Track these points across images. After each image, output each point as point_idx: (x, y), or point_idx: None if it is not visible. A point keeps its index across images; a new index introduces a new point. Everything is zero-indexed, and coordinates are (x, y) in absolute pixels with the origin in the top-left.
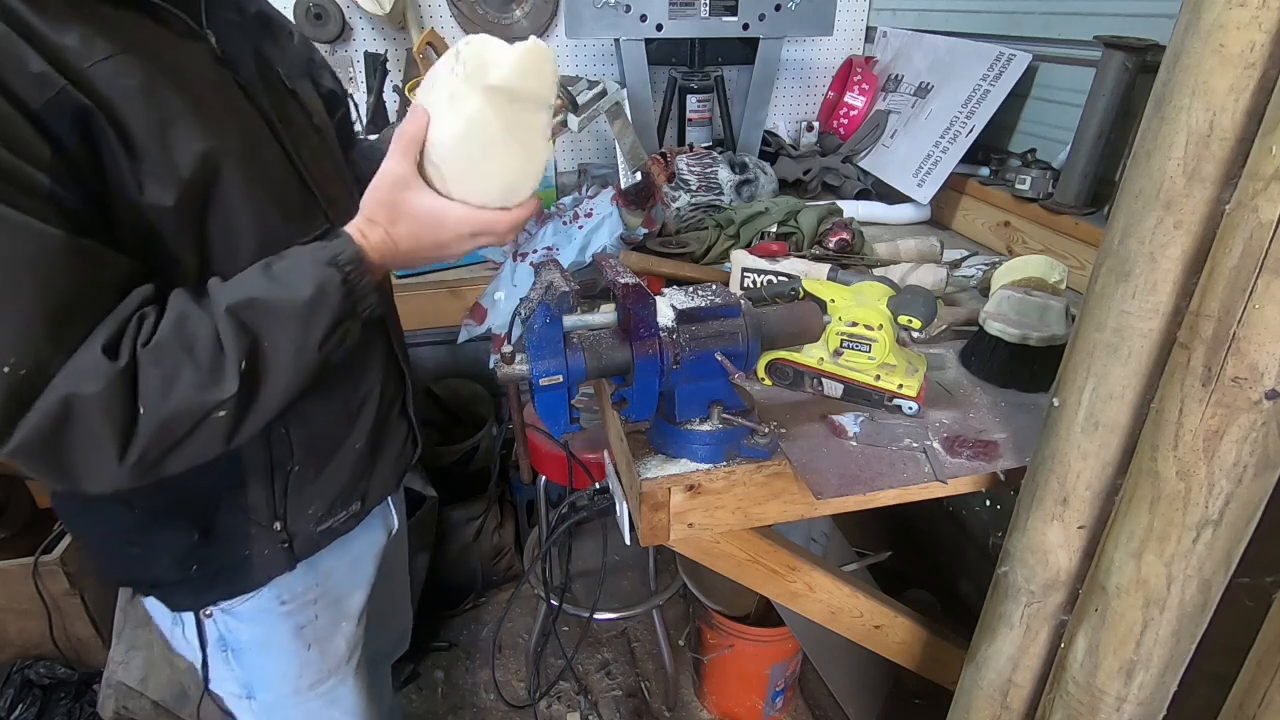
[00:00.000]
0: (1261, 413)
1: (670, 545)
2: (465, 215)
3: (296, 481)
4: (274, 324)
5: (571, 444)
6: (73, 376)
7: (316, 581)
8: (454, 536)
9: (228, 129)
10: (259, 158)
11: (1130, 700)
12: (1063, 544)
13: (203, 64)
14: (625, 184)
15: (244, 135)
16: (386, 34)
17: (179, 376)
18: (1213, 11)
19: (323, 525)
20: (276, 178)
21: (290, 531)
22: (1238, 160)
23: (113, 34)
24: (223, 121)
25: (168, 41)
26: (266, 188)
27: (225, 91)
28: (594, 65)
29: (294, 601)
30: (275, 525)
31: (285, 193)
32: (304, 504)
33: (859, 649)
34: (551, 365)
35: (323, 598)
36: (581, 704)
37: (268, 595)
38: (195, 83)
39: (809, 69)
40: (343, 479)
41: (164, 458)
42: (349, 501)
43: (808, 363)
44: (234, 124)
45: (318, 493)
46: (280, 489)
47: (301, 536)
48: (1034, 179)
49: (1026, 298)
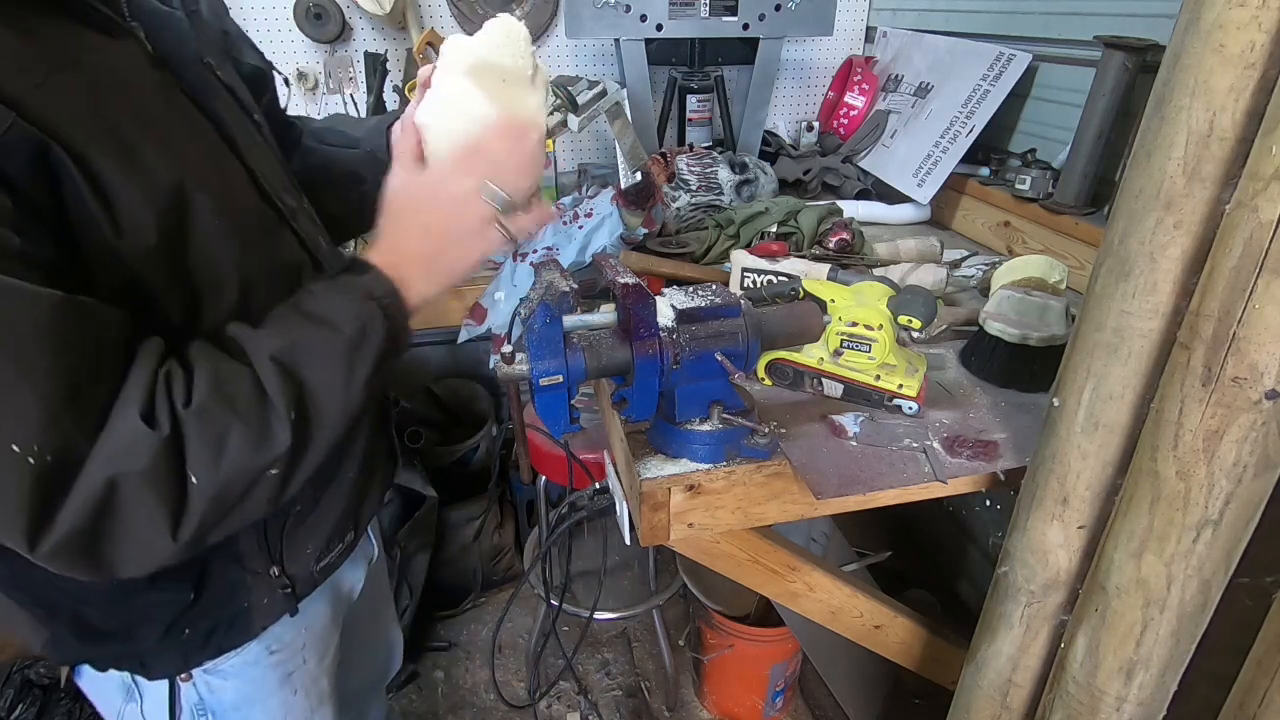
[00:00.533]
0: (1261, 413)
1: (670, 545)
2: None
3: (293, 523)
4: (320, 367)
5: (571, 444)
6: (112, 454)
7: (306, 625)
8: (454, 536)
9: (187, 148)
10: (223, 177)
11: (1130, 700)
12: (1063, 544)
13: (140, 69)
14: (625, 184)
15: (204, 153)
16: (386, 34)
17: (229, 438)
18: (1213, 11)
19: (321, 562)
20: (241, 196)
21: (290, 575)
22: (1238, 160)
23: (42, 45)
24: (181, 140)
25: (95, 44)
26: (235, 210)
27: (173, 101)
28: (594, 65)
29: (284, 650)
30: (273, 570)
31: (251, 211)
32: (301, 543)
33: (859, 649)
34: (551, 365)
35: (311, 642)
36: (581, 704)
37: (256, 647)
38: (140, 94)
39: (809, 69)
40: (338, 511)
41: (215, 527)
42: (344, 533)
43: (808, 363)
44: (191, 141)
45: (314, 529)
46: (276, 531)
47: (302, 578)
48: (1034, 179)
49: (1026, 298)
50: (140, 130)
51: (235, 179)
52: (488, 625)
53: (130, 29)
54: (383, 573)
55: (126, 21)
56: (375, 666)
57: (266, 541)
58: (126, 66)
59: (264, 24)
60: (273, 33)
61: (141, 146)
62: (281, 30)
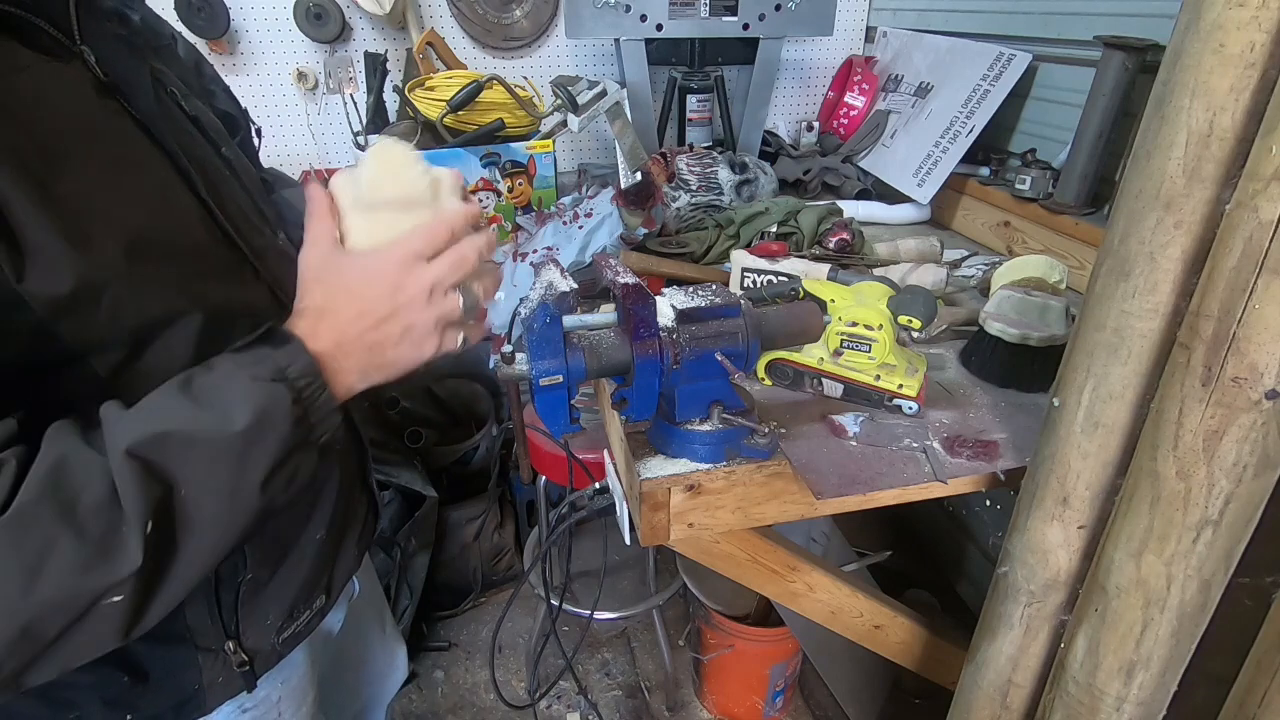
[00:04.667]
0: (1261, 413)
1: (670, 545)
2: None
3: (248, 591)
4: (196, 466)
5: (571, 444)
6: None
7: (283, 679)
8: (454, 536)
9: (124, 180)
10: (169, 214)
11: (1130, 700)
12: (1063, 544)
13: (81, 95)
14: (625, 184)
15: (149, 187)
16: (386, 34)
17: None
18: (1213, 11)
19: (285, 632)
20: (189, 234)
21: (248, 650)
22: (1238, 160)
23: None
24: (116, 171)
25: (26, 63)
26: (178, 249)
27: (117, 130)
28: (594, 65)
29: (258, 707)
30: (228, 646)
31: (201, 251)
32: (260, 614)
33: (859, 649)
34: (551, 365)
35: (288, 695)
36: (581, 704)
37: (228, 709)
38: (72, 121)
39: (809, 69)
40: (303, 576)
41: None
42: (312, 598)
43: (808, 363)
44: (132, 173)
45: (275, 597)
46: (229, 603)
47: (263, 653)
48: (1034, 179)
49: (1026, 298)
50: (59, 160)
51: (185, 216)
52: (488, 625)
53: (78, 52)
54: (372, 596)
55: (75, 44)
56: (373, 684)
57: (220, 614)
58: (62, 91)
59: (264, 24)
60: (273, 33)
61: (59, 178)
62: (281, 30)
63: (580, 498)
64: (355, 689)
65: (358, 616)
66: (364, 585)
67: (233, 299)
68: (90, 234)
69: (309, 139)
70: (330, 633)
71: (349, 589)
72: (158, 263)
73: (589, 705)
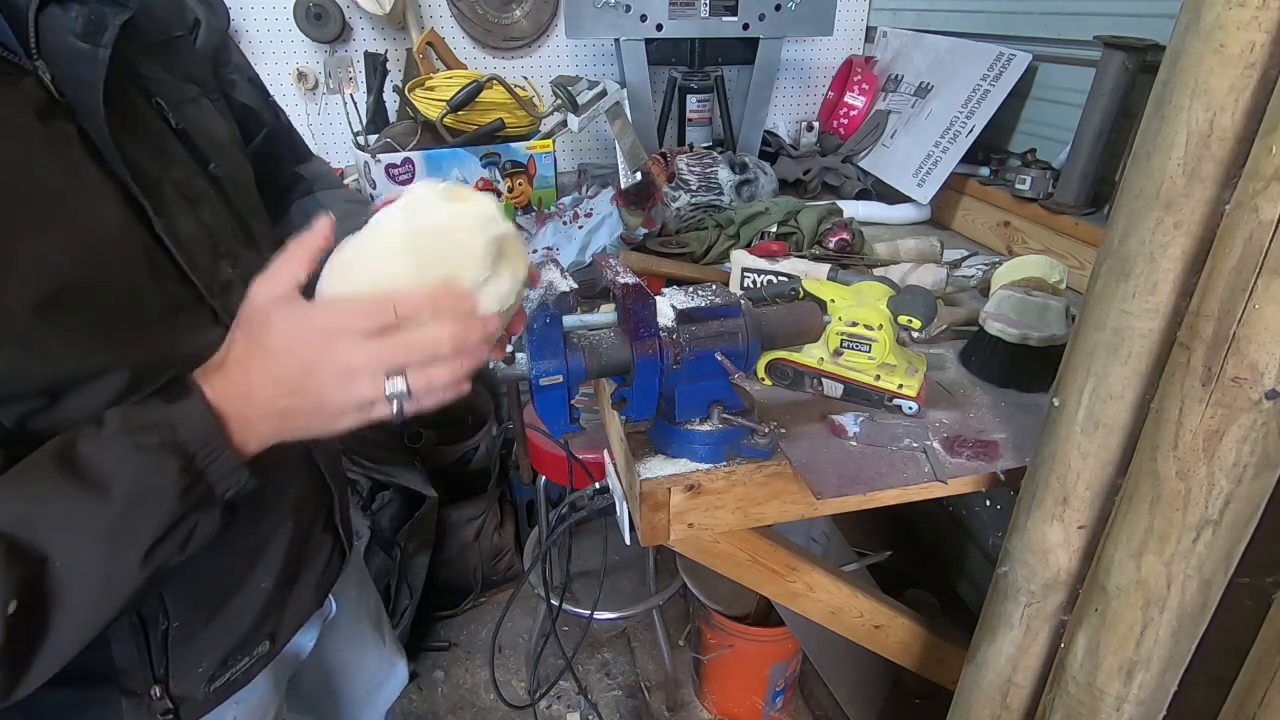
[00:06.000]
0: (1261, 413)
1: (670, 545)
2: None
3: (177, 637)
4: (69, 542)
5: (571, 444)
6: None
7: (237, 700)
8: (454, 536)
9: (59, 212)
10: (109, 257)
11: (1130, 700)
12: (1063, 544)
13: (21, 119)
14: (625, 184)
15: (88, 231)
16: (386, 34)
17: None
18: (1213, 11)
19: (218, 681)
20: (134, 280)
21: (175, 697)
22: (1238, 160)
23: None
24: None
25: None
26: (119, 300)
27: (61, 159)
28: (594, 65)
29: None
30: (154, 691)
31: (146, 299)
32: (191, 661)
33: (859, 649)
34: (551, 365)
35: (243, 716)
36: (581, 704)
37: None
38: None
39: (809, 69)
40: (244, 625)
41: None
42: (252, 646)
43: (808, 363)
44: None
45: (208, 646)
46: (157, 646)
47: (191, 700)
48: (1034, 179)
49: (1026, 298)
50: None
51: (122, 256)
52: (488, 625)
53: (32, 69)
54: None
55: (31, 60)
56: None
57: (149, 654)
58: None
59: (264, 24)
60: (273, 33)
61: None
62: (281, 30)
63: (580, 498)
64: (351, 699)
65: (349, 629)
66: (357, 596)
67: (170, 349)
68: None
69: (309, 139)
70: (298, 656)
71: (326, 610)
72: (79, 313)
73: (589, 705)
